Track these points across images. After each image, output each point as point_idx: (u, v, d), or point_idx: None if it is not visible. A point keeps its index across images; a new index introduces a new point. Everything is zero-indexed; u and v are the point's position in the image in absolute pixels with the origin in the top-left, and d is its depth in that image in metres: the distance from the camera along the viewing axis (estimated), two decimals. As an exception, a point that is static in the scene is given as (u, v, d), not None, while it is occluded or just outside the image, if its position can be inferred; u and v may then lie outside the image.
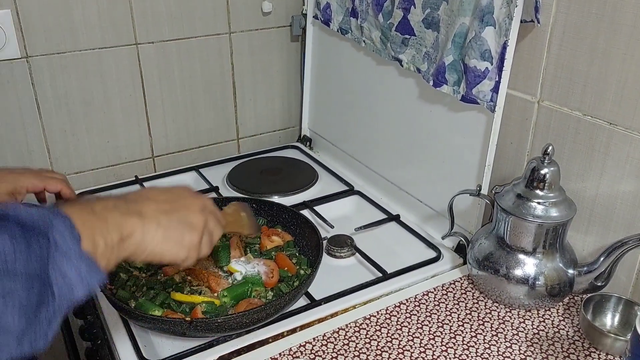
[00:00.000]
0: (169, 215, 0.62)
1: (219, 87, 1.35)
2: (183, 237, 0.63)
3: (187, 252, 0.63)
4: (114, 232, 0.55)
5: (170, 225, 0.61)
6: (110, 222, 0.55)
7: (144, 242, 0.58)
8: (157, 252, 0.60)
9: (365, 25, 1.13)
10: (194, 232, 0.64)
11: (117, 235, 0.55)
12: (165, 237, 0.60)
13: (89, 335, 0.97)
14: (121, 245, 0.56)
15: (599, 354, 0.81)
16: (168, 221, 0.61)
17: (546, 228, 0.83)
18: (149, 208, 0.60)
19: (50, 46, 1.13)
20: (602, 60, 0.83)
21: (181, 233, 0.62)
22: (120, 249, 0.56)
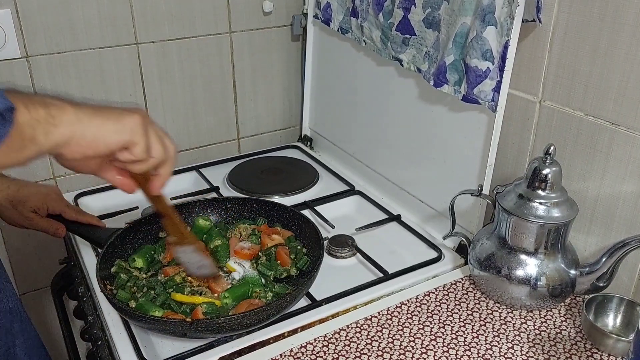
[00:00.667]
0: (108, 108, 0.60)
1: (220, 87, 1.34)
2: (122, 117, 0.59)
3: (131, 133, 0.59)
4: (40, 107, 0.53)
5: (106, 111, 0.59)
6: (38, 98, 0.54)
7: (81, 125, 0.55)
8: (98, 136, 0.57)
9: (365, 24, 1.12)
10: (134, 115, 0.60)
11: (44, 111, 0.53)
12: (103, 118, 0.57)
13: (90, 336, 0.97)
14: (50, 121, 0.53)
15: (601, 355, 0.80)
16: (104, 109, 0.59)
17: (548, 228, 0.83)
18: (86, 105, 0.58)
19: (50, 46, 1.13)
20: (604, 60, 0.83)
21: (119, 115, 0.59)
22: (48, 125, 0.53)
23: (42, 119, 0.52)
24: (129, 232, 0.95)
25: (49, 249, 1.26)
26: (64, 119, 0.54)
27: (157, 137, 0.63)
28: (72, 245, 1.06)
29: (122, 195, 1.19)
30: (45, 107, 0.53)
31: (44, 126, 0.52)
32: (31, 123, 0.51)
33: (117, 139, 0.58)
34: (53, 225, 0.96)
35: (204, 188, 1.21)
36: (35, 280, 1.30)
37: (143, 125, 0.61)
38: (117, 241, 0.93)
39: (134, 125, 0.59)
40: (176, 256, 0.84)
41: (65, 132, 0.54)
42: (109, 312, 0.87)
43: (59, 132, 0.54)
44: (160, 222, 0.96)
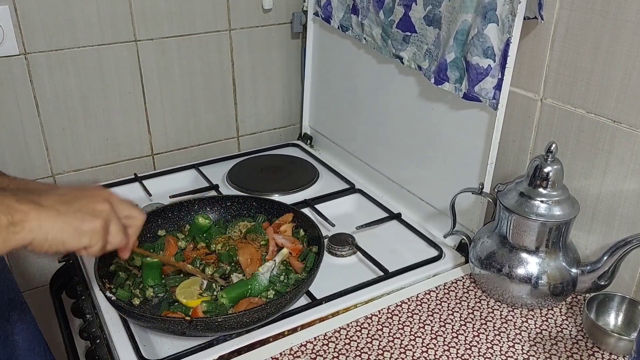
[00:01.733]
0: (69, 204, 0.63)
1: (219, 85, 1.34)
2: (83, 224, 0.63)
3: (90, 238, 0.63)
4: (3, 215, 0.56)
5: (68, 212, 0.62)
6: (3, 205, 0.57)
7: (42, 231, 0.59)
8: (58, 239, 0.61)
9: (366, 22, 1.12)
10: (96, 218, 0.64)
11: (6, 218, 0.56)
12: (65, 224, 0.61)
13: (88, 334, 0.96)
14: (11, 229, 0.57)
15: (602, 354, 0.80)
16: (67, 209, 0.62)
17: (549, 227, 0.83)
18: (49, 199, 0.62)
19: (49, 43, 1.12)
20: (606, 58, 0.82)
21: (81, 220, 0.63)
22: (9, 233, 0.57)
23: (4, 227, 0.56)
24: (127, 230, 0.95)
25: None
26: (26, 225, 0.58)
27: (117, 227, 0.67)
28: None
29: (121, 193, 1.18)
30: (8, 214, 0.57)
31: (6, 234, 0.57)
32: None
33: (76, 243, 0.63)
34: None
35: (204, 186, 1.21)
36: (34, 278, 1.29)
37: (102, 227, 0.65)
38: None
39: (93, 230, 0.64)
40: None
41: (27, 236, 0.58)
42: (107, 310, 0.87)
43: (20, 236, 0.58)
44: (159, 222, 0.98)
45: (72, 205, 0.63)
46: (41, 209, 0.60)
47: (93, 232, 0.64)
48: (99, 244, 0.65)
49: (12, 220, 0.57)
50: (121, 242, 0.69)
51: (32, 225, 0.59)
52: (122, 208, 0.69)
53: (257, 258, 0.91)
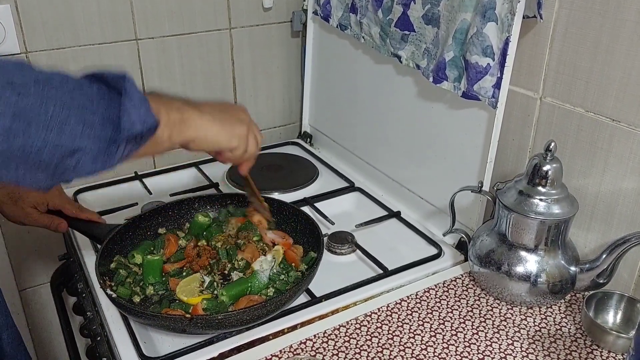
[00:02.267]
0: (222, 112, 0.73)
1: (219, 83, 1.34)
2: (234, 128, 0.73)
3: (238, 141, 0.73)
4: (176, 112, 0.65)
5: (223, 118, 0.72)
6: (174, 105, 0.65)
7: (202, 129, 0.68)
8: (215, 139, 0.70)
9: (364, 21, 1.12)
10: (243, 125, 0.75)
11: (179, 115, 0.65)
12: (220, 126, 0.71)
13: (89, 332, 0.96)
14: (182, 125, 0.65)
15: (601, 352, 0.80)
16: (221, 116, 0.72)
17: (548, 225, 0.83)
18: (206, 107, 0.71)
19: (50, 41, 1.12)
20: (605, 56, 0.83)
21: (232, 124, 0.73)
22: (181, 128, 0.65)
23: (178, 122, 0.65)
24: (128, 228, 0.95)
25: (48, 245, 1.26)
26: (192, 124, 0.67)
27: (254, 139, 0.77)
28: (72, 241, 1.05)
29: (121, 191, 1.20)
30: (180, 112, 0.65)
31: (179, 128, 0.65)
32: (169, 125, 0.63)
33: (227, 144, 0.73)
34: (54, 220, 0.96)
35: (204, 184, 1.21)
36: (35, 276, 1.29)
37: (247, 134, 0.75)
38: (117, 237, 0.93)
39: (241, 135, 0.74)
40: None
41: (192, 133, 0.67)
42: (108, 308, 0.87)
43: (188, 133, 0.67)
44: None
45: (223, 114, 0.73)
46: (202, 113, 0.69)
47: (241, 136, 0.74)
48: (242, 147, 0.75)
49: (183, 118, 0.65)
50: (254, 152, 0.79)
51: (197, 123, 0.67)
52: (253, 125, 0.78)
53: (258, 257, 0.91)
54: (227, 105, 0.77)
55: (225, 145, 0.73)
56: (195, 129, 0.68)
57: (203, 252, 0.93)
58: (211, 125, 0.70)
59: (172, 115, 0.64)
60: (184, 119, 0.66)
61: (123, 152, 0.57)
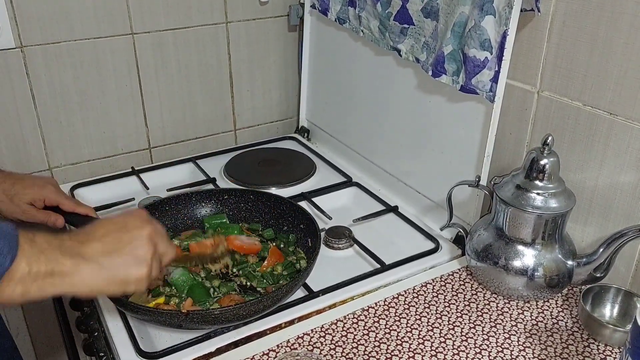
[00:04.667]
0: (112, 255, 0.63)
1: (216, 78, 1.34)
2: (128, 275, 0.64)
3: (135, 285, 0.65)
4: (43, 264, 0.57)
5: (113, 265, 0.63)
6: (47, 255, 0.57)
7: (85, 283, 0.60)
8: (104, 289, 0.63)
9: (363, 14, 1.12)
10: (141, 266, 0.65)
11: (46, 268, 0.57)
12: (109, 277, 0.63)
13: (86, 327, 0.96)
14: (48, 279, 0.57)
15: (597, 345, 0.80)
16: (110, 263, 0.63)
17: (545, 219, 0.83)
18: (93, 249, 0.62)
19: (45, 36, 1.12)
20: (602, 50, 0.82)
21: (125, 271, 0.64)
22: (46, 282, 0.57)
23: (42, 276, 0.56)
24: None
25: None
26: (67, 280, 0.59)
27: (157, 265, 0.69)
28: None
29: (118, 187, 1.20)
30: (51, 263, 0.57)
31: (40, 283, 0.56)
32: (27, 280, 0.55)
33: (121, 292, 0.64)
34: (51, 216, 0.96)
35: (201, 179, 1.21)
36: (32, 272, 1.29)
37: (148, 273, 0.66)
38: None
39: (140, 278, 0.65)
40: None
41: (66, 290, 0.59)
42: (105, 303, 0.87)
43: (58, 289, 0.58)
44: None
45: (115, 257, 0.63)
46: (84, 263, 0.60)
47: (138, 281, 0.65)
48: (144, 286, 0.66)
49: (52, 271, 0.57)
50: (155, 277, 0.69)
51: (74, 280, 0.59)
52: (161, 245, 0.69)
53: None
54: (126, 231, 0.66)
55: (119, 293, 0.65)
56: (72, 285, 0.59)
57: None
58: (97, 277, 0.61)
59: (36, 267, 0.56)
60: (54, 272, 0.57)
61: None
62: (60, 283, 0.58)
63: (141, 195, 1.16)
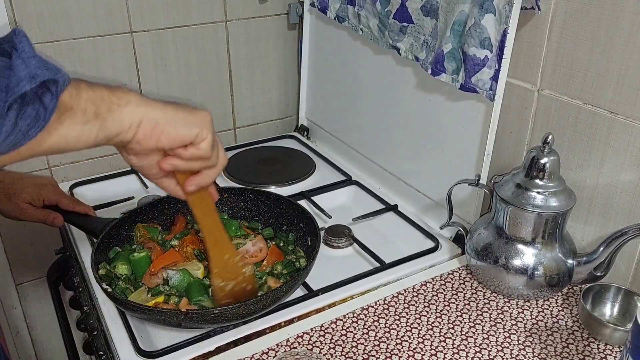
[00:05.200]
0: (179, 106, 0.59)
1: (215, 76, 1.33)
2: (192, 112, 0.59)
3: (201, 127, 0.59)
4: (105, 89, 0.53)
5: (177, 107, 0.58)
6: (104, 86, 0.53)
7: (150, 109, 0.55)
8: (170, 123, 0.56)
9: (362, 13, 1.11)
10: (204, 111, 0.61)
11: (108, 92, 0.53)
12: (175, 113, 0.57)
13: (86, 326, 0.96)
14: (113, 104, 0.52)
15: (598, 344, 0.80)
16: (175, 106, 0.58)
17: (545, 218, 0.83)
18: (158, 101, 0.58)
19: (44, 34, 1.11)
20: (603, 48, 0.82)
21: (191, 111, 0.59)
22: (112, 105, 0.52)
23: (107, 97, 0.52)
24: (124, 222, 0.95)
25: (45, 240, 1.25)
26: (131, 99, 0.53)
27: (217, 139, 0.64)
28: (68, 235, 1.05)
29: (117, 186, 1.20)
30: (112, 90, 0.53)
31: (108, 104, 0.52)
32: (93, 99, 0.50)
33: (188, 131, 0.58)
34: (50, 215, 0.96)
35: (200, 178, 1.20)
36: (31, 270, 1.29)
37: (212, 123, 0.61)
38: (113, 231, 0.92)
39: (205, 120, 0.59)
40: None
41: (133, 112, 0.53)
42: (104, 302, 0.87)
43: (126, 111, 0.53)
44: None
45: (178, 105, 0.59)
46: (150, 100, 0.56)
47: (204, 121, 0.59)
48: (210, 137, 0.60)
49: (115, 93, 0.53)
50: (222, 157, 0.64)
51: (137, 99, 0.54)
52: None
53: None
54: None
55: (186, 132, 0.57)
56: (137, 106, 0.54)
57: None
58: (162, 106, 0.56)
59: (97, 90, 0.52)
60: (116, 94, 0.53)
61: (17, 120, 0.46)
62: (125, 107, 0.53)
63: (140, 193, 1.15)
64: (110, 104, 0.52)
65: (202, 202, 0.71)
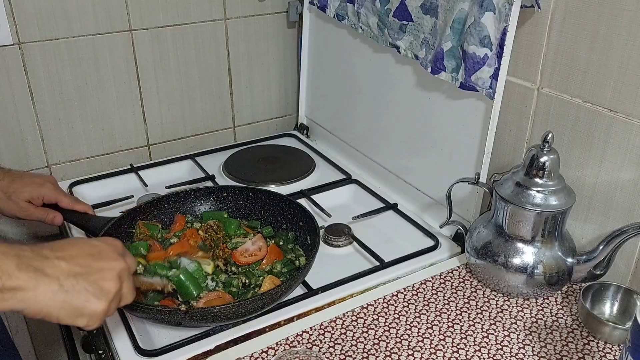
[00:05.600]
0: (77, 279, 0.59)
1: (215, 74, 1.33)
2: (86, 305, 0.59)
3: (88, 320, 0.60)
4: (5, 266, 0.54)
5: (74, 290, 0.59)
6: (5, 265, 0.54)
7: (37, 301, 0.56)
8: (53, 314, 0.58)
9: (362, 11, 1.11)
10: (101, 300, 0.61)
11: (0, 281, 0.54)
12: (65, 302, 0.58)
13: (85, 324, 0.96)
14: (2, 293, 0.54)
15: (597, 343, 0.80)
16: (71, 286, 0.58)
17: (545, 216, 0.83)
18: (57, 267, 0.58)
19: (43, 32, 1.11)
20: (603, 46, 0.82)
21: (85, 300, 0.59)
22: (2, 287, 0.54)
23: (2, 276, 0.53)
24: (123, 220, 0.95)
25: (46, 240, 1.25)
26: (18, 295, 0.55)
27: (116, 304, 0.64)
28: (68, 235, 1.05)
29: (117, 184, 1.20)
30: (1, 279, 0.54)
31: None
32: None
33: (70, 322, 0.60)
34: (50, 213, 0.96)
35: (200, 177, 1.20)
36: (31, 269, 1.29)
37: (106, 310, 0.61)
38: (112, 230, 0.92)
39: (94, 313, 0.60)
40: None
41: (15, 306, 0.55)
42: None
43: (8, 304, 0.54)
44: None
45: (79, 281, 0.59)
46: (43, 279, 0.56)
47: (92, 315, 0.60)
48: (96, 324, 0.61)
49: (3, 287, 0.54)
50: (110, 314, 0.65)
51: (26, 296, 0.55)
52: (126, 285, 0.65)
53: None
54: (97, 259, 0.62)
55: (67, 322, 0.59)
56: (22, 300, 0.55)
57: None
58: (51, 298, 0.56)
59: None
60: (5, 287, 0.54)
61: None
62: (10, 298, 0.54)
63: (140, 192, 1.15)
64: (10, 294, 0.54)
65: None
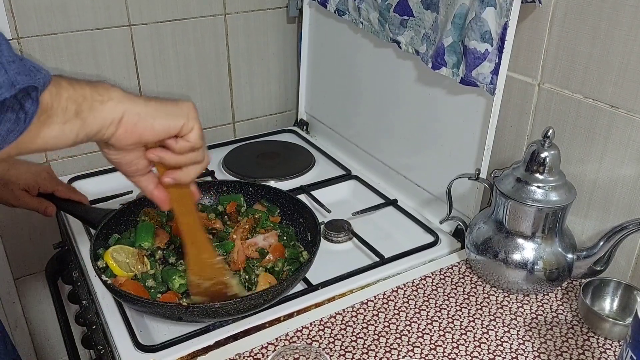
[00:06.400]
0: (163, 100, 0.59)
1: (214, 70, 1.33)
2: (178, 105, 0.58)
3: (186, 118, 0.58)
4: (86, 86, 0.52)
5: (160, 101, 0.58)
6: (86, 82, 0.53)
7: (132, 104, 0.54)
8: (154, 116, 0.56)
9: (362, 6, 1.11)
10: (188, 102, 0.60)
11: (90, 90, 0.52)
12: (157, 102, 0.57)
13: (84, 320, 0.96)
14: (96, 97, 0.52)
15: (597, 339, 0.80)
16: (157, 101, 0.58)
17: (545, 212, 0.83)
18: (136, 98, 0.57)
19: (42, 27, 1.11)
20: (604, 42, 0.82)
21: (175, 103, 0.58)
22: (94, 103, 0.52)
23: (88, 94, 0.51)
24: (123, 213, 0.95)
25: (43, 233, 1.25)
26: (113, 95, 0.53)
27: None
28: (66, 229, 1.05)
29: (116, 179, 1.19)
30: (92, 85, 0.52)
31: (89, 102, 0.51)
32: (74, 97, 0.50)
33: (173, 122, 0.57)
34: (43, 204, 0.95)
35: (199, 172, 1.20)
36: (30, 264, 1.29)
37: (197, 113, 0.60)
38: (111, 222, 0.92)
39: (189, 111, 0.59)
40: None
41: (115, 108, 0.53)
42: (103, 296, 0.86)
43: (107, 107, 0.52)
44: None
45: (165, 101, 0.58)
46: (130, 94, 0.55)
47: (189, 112, 0.58)
48: (197, 127, 0.59)
49: (97, 90, 0.52)
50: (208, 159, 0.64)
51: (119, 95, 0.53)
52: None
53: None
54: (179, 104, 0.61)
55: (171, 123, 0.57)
56: (119, 102, 0.53)
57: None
58: (145, 102, 0.55)
59: (78, 87, 0.51)
60: (98, 91, 0.52)
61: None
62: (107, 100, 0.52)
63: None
64: (92, 101, 0.52)
65: (183, 200, 0.69)
